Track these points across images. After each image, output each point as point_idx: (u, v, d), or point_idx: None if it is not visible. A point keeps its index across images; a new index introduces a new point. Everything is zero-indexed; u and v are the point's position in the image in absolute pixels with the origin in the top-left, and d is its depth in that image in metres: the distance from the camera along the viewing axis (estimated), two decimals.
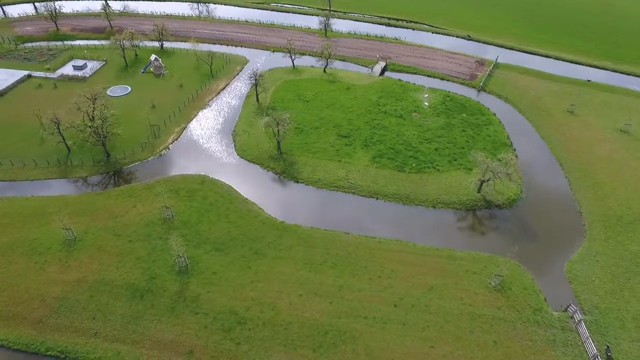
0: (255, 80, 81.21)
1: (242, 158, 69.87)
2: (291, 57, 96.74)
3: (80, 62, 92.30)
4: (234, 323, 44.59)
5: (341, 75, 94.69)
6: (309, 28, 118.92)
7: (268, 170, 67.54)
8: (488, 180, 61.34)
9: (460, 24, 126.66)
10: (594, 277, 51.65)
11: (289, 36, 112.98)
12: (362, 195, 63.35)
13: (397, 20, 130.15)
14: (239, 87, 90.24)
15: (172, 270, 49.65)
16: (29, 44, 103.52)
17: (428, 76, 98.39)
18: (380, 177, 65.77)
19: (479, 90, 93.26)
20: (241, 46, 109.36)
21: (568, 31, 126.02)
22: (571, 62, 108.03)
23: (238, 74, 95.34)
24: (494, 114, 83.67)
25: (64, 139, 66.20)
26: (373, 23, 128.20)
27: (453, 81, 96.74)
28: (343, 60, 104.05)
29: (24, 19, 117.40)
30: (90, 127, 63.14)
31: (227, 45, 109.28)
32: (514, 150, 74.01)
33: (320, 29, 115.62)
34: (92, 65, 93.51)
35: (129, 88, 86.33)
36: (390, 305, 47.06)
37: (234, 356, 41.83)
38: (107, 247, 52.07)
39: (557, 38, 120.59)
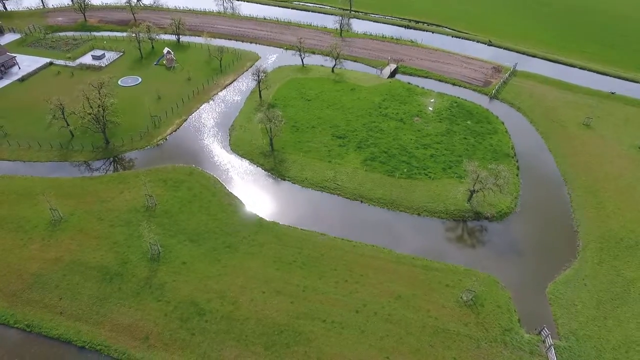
0: (258, 76, 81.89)
1: (235, 152, 70.62)
2: (301, 55, 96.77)
3: (99, 53, 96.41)
4: (193, 314, 45.14)
5: (349, 75, 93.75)
6: (325, 27, 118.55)
7: (257, 166, 67.91)
8: (478, 191, 58.86)
9: (484, 29, 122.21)
10: (577, 301, 48.39)
11: (304, 35, 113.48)
12: (346, 198, 62.43)
13: (418, 22, 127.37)
14: (246, 83, 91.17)
15: (144, 257, 50.91)
16: (57, 34, 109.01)
17: (439, 81, 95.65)
18: (368, 181, 64.57)
19: (490, 98, 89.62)
20: (255, 43, 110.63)
21: (599, 40, 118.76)
22: (597, 72, 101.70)
23: (247, 70, 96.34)
24: (502, 123, 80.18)
25: (67, 124, 69.37)
26: (392, 25, 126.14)
27: (465, 87, 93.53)
28: (355, 61, 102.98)
29: (57, 10, 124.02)
30: (89, 114, 65.86)
31: (242, 42, 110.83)
32: (517, 162, 70.69)
33: (336, 29, 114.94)
34: (110, 56, 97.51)
35: (140, 79, 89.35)
36: (351, 311, 46.09)
37: (186, 346, 42.37)
38: (88, 230, 54.13)
39: (586, 47, 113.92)
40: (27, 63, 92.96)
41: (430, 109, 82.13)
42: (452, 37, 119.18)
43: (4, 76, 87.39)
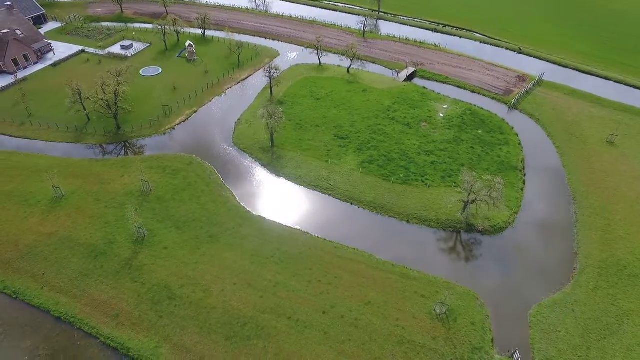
0: (270, 73, 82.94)
1: (236, 146, 71.96)
2: (318, 54, 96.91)
3: (127, 43, 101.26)
4: (164, 297, 46.57)
5: (363, 76, 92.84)
6: (349, 28, 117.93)
7: (255, 161, 68.83)
8: (472, 203, 56.55)
9: (517, 37, 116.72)
10: (561, 327, 45.40)
11: (327, 34, 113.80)
12: (337, 199, 61.96)
13: (446, 26, 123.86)
14: (261, 78, 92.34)
15: (130, 238, 53.09)
16: (95, 24, 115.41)
17: (458, 87, 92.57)
18: (361, 183, 63.74)
19: (509, 108, 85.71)
20: (278, 40, 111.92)
21: None
22: (634, 87, 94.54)
23: (264, 66, 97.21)
24: (516, 135, 76.46)
25: (84, 109, 73.50)
26: (420, 28, 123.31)
27: (484, 95, 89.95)
28: (373, 62, 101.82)
29: (98, 2, 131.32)
30: (102, 100, 69.44)
31: (265, 38, 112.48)
32: (524, 175, 67.30)
33: (359, 30, 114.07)
34: (137, 47, 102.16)
35: (160, 69, 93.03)
36: (318, 312, 45.77)
37: (152, 327, 43.80)
38: (84, 209, 57.14)
39: (627, 59, 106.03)
40: (62, 50, 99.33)
41: (441, 115, 79.75)
42: (481, 42, 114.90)
43: (39, 61, 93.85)
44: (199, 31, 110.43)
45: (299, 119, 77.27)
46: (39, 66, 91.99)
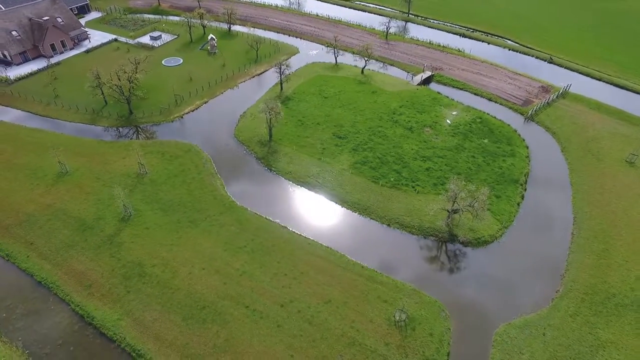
0: (280, 69, 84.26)
1: (236, 138, 73.82)
2: (334, 53, 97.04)
3: (156, 34, 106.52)
4: (135, 274, 48.96)
5: (376, 78, 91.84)
6: (373, 29, 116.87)
7: (250, 153, 70.31)
8: (455, 212, 54.64)
9: (552, 45, 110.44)
10: (526, 350, 42.96)
11: (350, 34, 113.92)
12: (322, 196, 62.03)
13: (477, 31, 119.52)
14: (275, 74, 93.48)
15: (117, 216, 56.23)
16: (133, 15, 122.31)
17: (475, 94, 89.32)
18: (349, 183, 63.39)
19: (526, 119, 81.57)
20: (301, 38, 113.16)
21: None
22: None
23: (282, 62, 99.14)
24: (526, 147, 72.78)
25: (102, 93, 78.41)
26: (448, 32, 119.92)
27: (501, 103, 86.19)
28: (391, 64, 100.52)
29: None
30: (116, 85, 73.78)
31: (289, 35, 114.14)
32: (524, 190, 64.00)
33: (383, 31, 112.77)
34: (165, 38, 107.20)
35: (181, 60, 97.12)
36: (277, 304, 46.26)
37: (117, 300, 46.24)
38: (83, 185, 61.12)
39: None
40: (97, 38, 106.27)
41: (449, 121, 77.36)
42: (510, 50, 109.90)
43: (74, 47, 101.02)
44: (225, 25, 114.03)
45: (302, 116, 77.95)
46: (74, 52, 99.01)
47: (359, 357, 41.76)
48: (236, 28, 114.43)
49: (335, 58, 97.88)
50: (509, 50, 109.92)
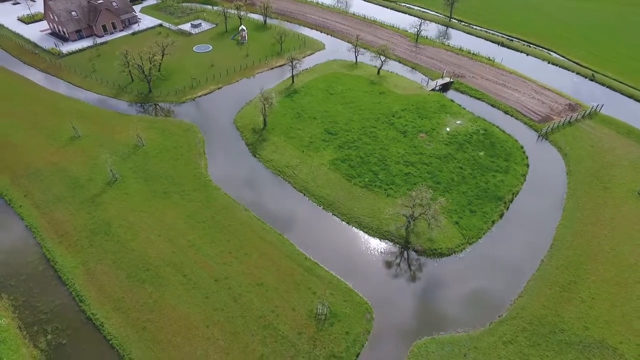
0: (291, 63, 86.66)
1: (234, 123, 77.68)
2: (355, 52, 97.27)
3: (197, 22, 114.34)
4: (102, 232, 54.45)
5: (391, 80, 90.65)
6: (406, 31, 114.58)
7: (242, 139, 73.69)
8: (414, 219, 53.26)
9: (602, 62, 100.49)
10: None
11: (381, 34, 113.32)
12: (293, 187, 63.57)
13: (518, 40, 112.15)
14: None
15: (105, 180, 62.56)
16: (184, 4, 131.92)
17: (491, 105, 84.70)
18: (323, 178, 64.15)
19: (539, 136, 75.91)
20: (331, 35, 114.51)
21: None
22: None
23: (304, 57, 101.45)
24: (527, 165, 68.09)
25: (130, 71, 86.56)
26: (487, 39, 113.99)
27: (517, 117, 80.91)
28: (413, 68, 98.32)
29: None
30: (137, 65, 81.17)
31: (320, 32, 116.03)
32: (505, 209, 60.26)
33: (415, 34, 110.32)
34: (205, 26, 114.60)
35: (211, 47, 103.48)
36: (212, 278, 48.96)
37: (80, 251, 51.88)
38: (88, 149, 68.56)
39: None
40: (146, 22, 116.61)
41: (448, 129, 74.55)
42: (549, 62, 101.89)
43: (124, 29, 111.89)
44: (262, 18, 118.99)
45: (302, 109, 79.74)
46: (122, 33, 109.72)
47: (268, 341, 43.12)
48: (273, 21, 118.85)
49: (356, 57, 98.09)
50: (549, 63, 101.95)
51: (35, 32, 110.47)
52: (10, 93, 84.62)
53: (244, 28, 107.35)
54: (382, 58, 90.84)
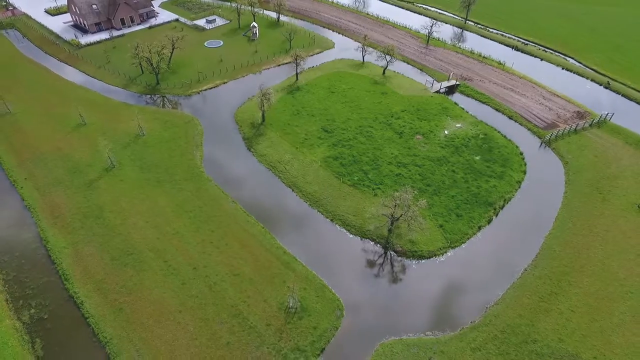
0: (296, 61, 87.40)
1: (233, 118, 79.11)
2: (362, 51, 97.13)
3: (211, 18, 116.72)
4: (93, 215, 56.78)
5: (395, 80, 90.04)
6: (418, 32, 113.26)
7: (239, 133, 75.02)
8: (396, 220, 52.98)
9: (618, 68, 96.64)
10: None
11: (392, 35, 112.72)
12: (283, 182, 64.32)
13: (533, 45, 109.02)
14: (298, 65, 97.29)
15: (104, 166, 65.14)
16: (203, 0, 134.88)
17: (496, 110, 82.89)
18: (313, 175, 64.61)
19: (542, 143, 73.83)
20: (342, 34, 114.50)
21: None
22: None
23: (313, 55, 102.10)
24: (524, 172, 66.49)
25: (140, 64, 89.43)
26: (501, 43, 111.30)
27: (521, 123, 78.93)
28: (420, 69, 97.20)
29: None
30: (146, 57, 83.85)
31: (331, 30, 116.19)
32: (494, 215, 59.10)
33: (426, 35, 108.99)
34: (219, 22, 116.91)
35: (222, 43, 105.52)
36: (191, 265, 50.33)
37: (71, 232, 54.25)
38: (90, 137, 71.45)
39: None
40: (163, 17, 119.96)
41: (446, 132, 73.55)
42: (563, 68, 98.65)
43: (141, 23, 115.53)
44: (275, 15, 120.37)
45: (302, 106, 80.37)
46: (139, 27, 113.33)
47: (236, 329, 44.07)
48: (286, 19, 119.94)
49: (363, 56, 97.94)
50: (563, 68, 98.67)
51: (59, 24, 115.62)
52: (29, 82, 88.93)
53: (255, 25, 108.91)
54: (388, 58, 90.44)
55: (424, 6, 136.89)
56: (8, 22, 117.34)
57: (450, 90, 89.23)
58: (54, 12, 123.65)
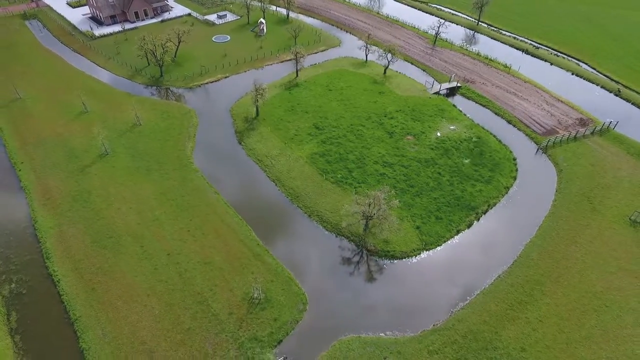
0: (296, 57, 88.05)
1: (229, 111, 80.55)
2: (365, 50, 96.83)
3: (223, 13, 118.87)
4: (81, 199, 59.22)
5: (395, 80, 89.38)
6: (426, 33, 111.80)
7: (232, 126, 76.35)
8: (370, 219, 52.93)
9: (635, 75, 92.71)
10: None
11: (399, 34, 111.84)
12: (267, 176, 65.18)
13: (545, 48, 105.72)
14: (301, 62, 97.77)
15: (98, 152, 67.77)
16: None
17: (495, 113, 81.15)
18: (298, 171, 65.17)
19: (539, 149, 71.87)
20: (350, 32, 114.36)
21: None
22: None
23: (317, 52, 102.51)
24: (514, 178, 64.97)
25: (146, 56, 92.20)
26: (512, 46, 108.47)
27: (519, 128, 77.00)
28: (423, 70, 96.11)
29: None
30: (150, 50, 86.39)
31: (340, 29, 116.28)
32: (477, 220, 58.09)
33: (433, 36, 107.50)
34: (230, 17, 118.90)
35: (229, 38, 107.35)
36: (165, 252, 51.87)
37: (60, 214, 56.81)
38: (90, 124, 74.29)
39: None
40: (176, 11, 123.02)
41: (439, 134, 72.60)
42: (573, 74, 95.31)
43: (155, 16, 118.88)
44: (285, 12, 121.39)
45: (297, 103, 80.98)
46: (152, 20, 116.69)
47: (199, 315, 45.25)
48: (295, 15, 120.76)
49: (366, 55, 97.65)
50: (573, 74, 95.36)
51: (78, 16, 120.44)
52: (42, 70, 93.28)
53: (263, 21, 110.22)
54: (389, 57, 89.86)
55: (437, 7, 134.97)
56: (32, 13, 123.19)
57: (451, 92, 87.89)
58: (75, 4, 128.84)
